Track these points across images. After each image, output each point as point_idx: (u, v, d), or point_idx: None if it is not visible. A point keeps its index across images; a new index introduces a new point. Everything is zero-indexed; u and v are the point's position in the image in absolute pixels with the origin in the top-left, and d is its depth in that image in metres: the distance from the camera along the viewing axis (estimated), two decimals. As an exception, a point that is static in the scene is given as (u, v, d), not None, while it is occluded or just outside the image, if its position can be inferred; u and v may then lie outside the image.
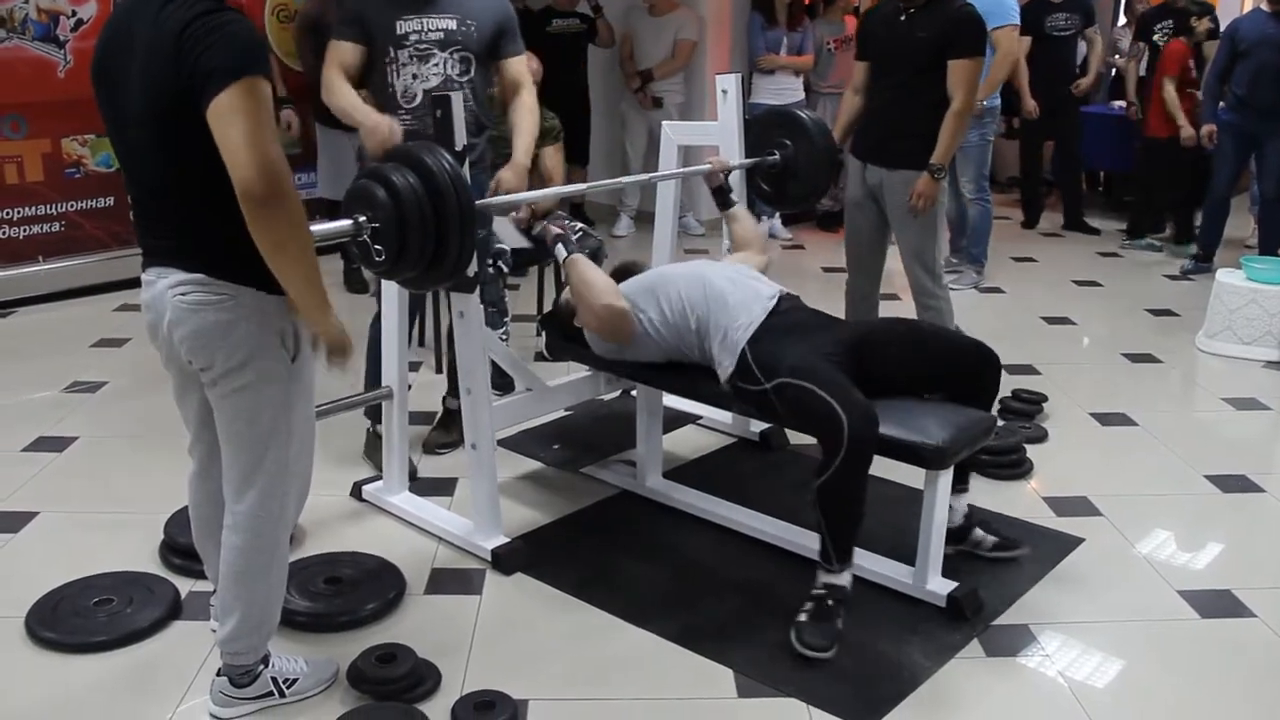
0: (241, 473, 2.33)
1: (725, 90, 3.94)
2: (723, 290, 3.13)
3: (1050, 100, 7.34)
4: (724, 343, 3.06)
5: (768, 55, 7.28)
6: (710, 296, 3.11)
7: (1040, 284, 6.53)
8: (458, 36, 3.46)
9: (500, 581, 3.13)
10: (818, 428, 2.77)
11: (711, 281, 3.16)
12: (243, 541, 2.37)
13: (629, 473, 3.70)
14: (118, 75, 2.17)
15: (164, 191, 2.19)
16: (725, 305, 3.09)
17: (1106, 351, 5.37)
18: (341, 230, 2.57)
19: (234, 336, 2.21)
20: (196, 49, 2.02)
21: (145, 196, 2.26)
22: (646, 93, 7.37)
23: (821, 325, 3.15)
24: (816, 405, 2.75)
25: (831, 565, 2.82)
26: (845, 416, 2.68)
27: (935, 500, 2.90)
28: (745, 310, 3.09)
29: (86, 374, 4.72)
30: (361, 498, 3.59)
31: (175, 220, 2.21)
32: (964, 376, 3.04)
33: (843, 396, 2.73)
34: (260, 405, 2.27)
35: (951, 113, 4.02)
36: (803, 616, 2.80)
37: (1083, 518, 3.54)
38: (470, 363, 3.13)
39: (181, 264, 2.21)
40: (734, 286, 3.15)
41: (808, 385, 2.79)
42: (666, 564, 3.24)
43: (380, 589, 3.00)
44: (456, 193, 2.56)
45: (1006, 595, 3.06)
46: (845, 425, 2.68)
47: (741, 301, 3.11)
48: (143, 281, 2.31)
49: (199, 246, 2.20)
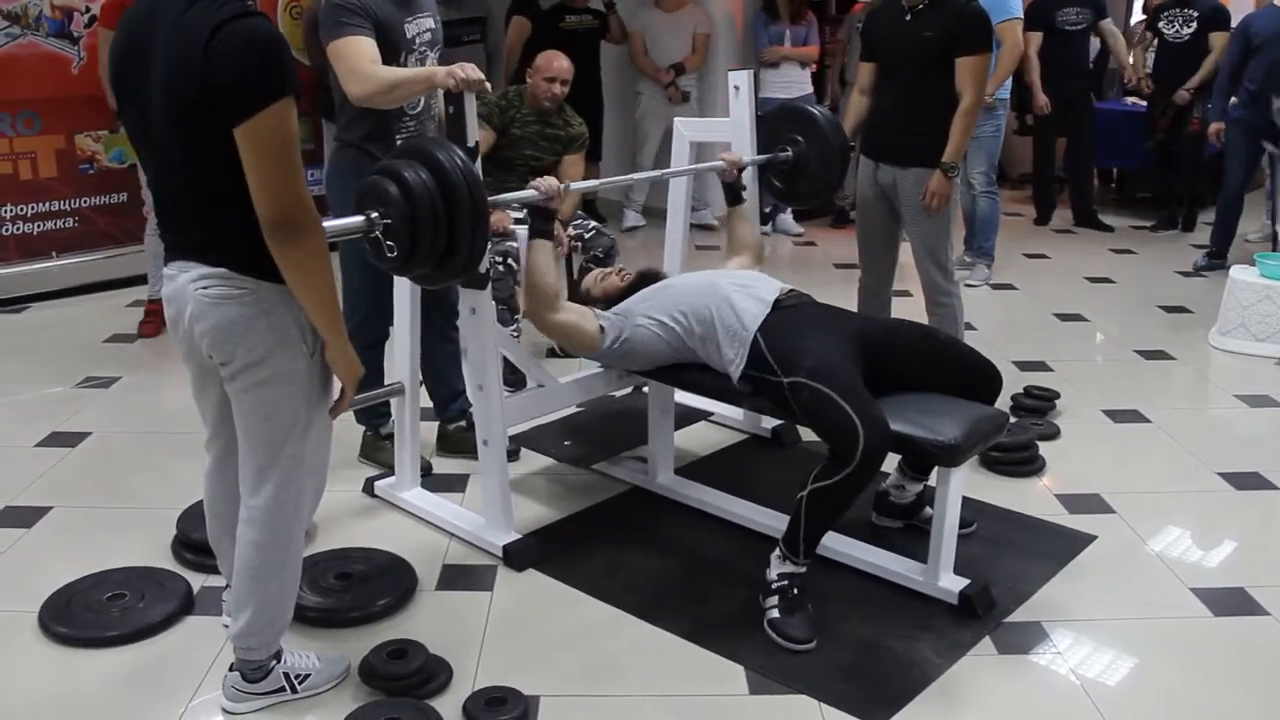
0: (258, 467, 2.34)
1: (737, 86, 3.94)
2: (729, 295, 3.15)
3: (1062, 96, 7.31)
4: (732, 340, 3.07)
5: (771, 47, 7.28)
6: (716, 306, 3.14)
7: (1053, 280, 6.52)
8: (438, 35, 3.46)
9: (511, 577, 3.13)
10: (832, 436, 2.77)
11: (719, 289, 3.18)
12: (258, 536, 2.37)
13: (640, 469, 3.71)
14: (139, 76, 2.16)
15: (187, 189, 2.20)
16: (731, 308, 3.11)
17: (1119, 348, 5.36)
18: (353, 226, 2.57)
19: (254, 331, 2.22)
20: (226, 61, 2.02)
21: (168, 194, 2.27)
22: (678, 86, 7.37)
23: (835, 320, 3.17)
24: (834, 414, 2.75)
25: (797, 559, 2.85)
26: (862, 430, 2.69)
27: (948, 498, 2.90)
28: (752, 305, 3.11)
29: (100, 369, 4.74)
30: (374, 494, 3.60)
31: (197, 216, 2.22)
32: (969, 387, 3.07)
33: (862, 409, 2.73)
34: (279, 400, 2.28)
35: (961, 110, 4.00)
36: (774, 612, 2.83)
37: (1095, 515, 3.53)
38: (482, 359, 3.14)
39: (204, 258, 2.22)
40: (741, 291, 3.18)
41: (826, 391, 2.79)
42: (678, 560, 3.25)
43: (392, 585, 3.01)
44: (469, 189, 2.56)
45: (1018, 592, 3.06)
46: (861, 439, 2.69)
47: (747, 301, 3.13)
48: (164, 276, 2.33)
49: (221, 241, 2.21)
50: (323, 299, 2.20)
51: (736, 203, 3.81)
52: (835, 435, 2.75)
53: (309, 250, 2.14)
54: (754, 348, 3.03)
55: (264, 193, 2.06)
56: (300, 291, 2.18)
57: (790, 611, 2.82)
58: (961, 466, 2.90)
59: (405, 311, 3.41)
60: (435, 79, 3.02)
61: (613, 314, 3.32)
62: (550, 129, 4.74)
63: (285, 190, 2.07)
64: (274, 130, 2.04)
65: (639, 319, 3.25)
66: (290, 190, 2.07)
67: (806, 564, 2.87)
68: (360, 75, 3.16)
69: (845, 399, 2.75)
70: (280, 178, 2.06)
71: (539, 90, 4.67)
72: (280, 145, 2.05)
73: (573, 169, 4.78)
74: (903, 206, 4.22)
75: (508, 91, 4.84)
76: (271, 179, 2.06)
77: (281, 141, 2.05)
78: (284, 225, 2.08)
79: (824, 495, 2.76)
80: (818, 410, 2.82)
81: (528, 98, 4.71)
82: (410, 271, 2.70)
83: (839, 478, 2.72)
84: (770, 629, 2.82)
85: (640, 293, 3.38)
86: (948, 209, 4.14)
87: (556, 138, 4.76)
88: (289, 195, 2.07)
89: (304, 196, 2.09)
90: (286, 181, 2.07)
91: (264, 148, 2.04)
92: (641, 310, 3.28)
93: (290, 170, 2.07)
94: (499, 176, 4.45)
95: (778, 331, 3.04)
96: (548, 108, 4.70)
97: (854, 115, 4.41)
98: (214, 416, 2.46)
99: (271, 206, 2.07)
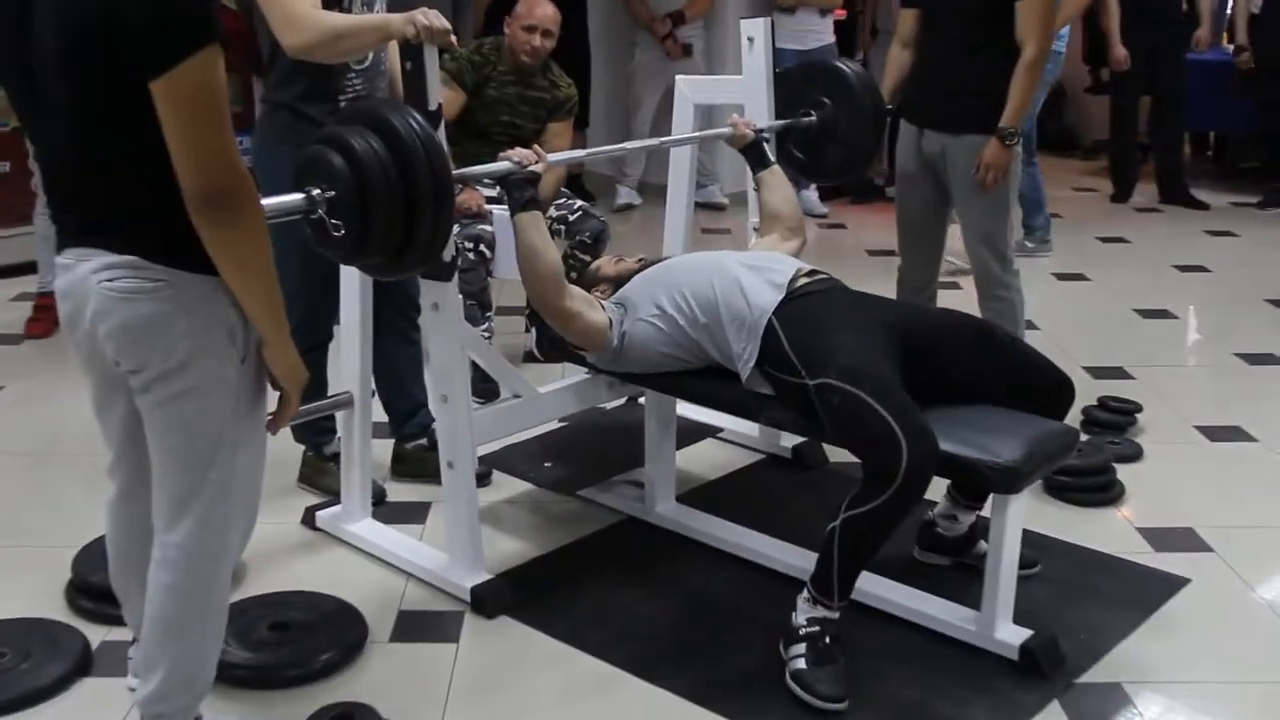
0: (176, 496, 2.34)
1: (751, 38, 3.96)
2: (738, 278, 3.16)
3: (1146, 45, 7.30)
4: (740, 330, 3.09)
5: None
6: (723, 289, 3.15)
7: (1133, 269, 6.55)
8: None
9: (481, 627, 3.15)
10: (868, 450, 2.78)
11: (727, 271, 3.19)
12: (174, 580, 2.37)
13: (636, 496, 3.73)
14: (20, 23, 2.14)
15: (86, 159, 2.19)
16: (740, 291, 3.12)
17: (1216, 350, 5.38)
18: (291, 206, 2.56)
19: (172, 331, 2.21)
20: (137, 1, 2.02)
21: (61, 162, 2.25)
22: (677, 39, 7.39)
23: (871, 309, 3.18)
24: (871, 422, 2.75)
25: (830, 601, 2.86)
26: (906, 443, 2.69)
27: (1005, 531, 2.91)
28: (765, 289, 3.12)
29: (-20, 378, 4.76)
30: (315, 526, 3.62)
31: (100, 191, 2.21)
32: (1031, 399, 3.07)
33: (904, 417, 2.73)
34: (203, 415, 2.28)
35: (1024, 64, 4.02)
36: (799, 663, 2.84)
37: (1187, 553, 3.54)
38: (447, 365, 3.15)
39: (108, 243, 2.21)
40: (753, 273, 3.19)
41: (861, 395, 2.79)
42: (680, 606, 3.26)
43: (336, 636, 3.02)
44: (430, 161, 2.57)
45: (1093, 647, 3.07)
46: (904, 454, 2.68)
47: (759, 283, 3.14)
48: (58, 265, 2.31)
49: (129, 222, 2.20)
50: (264, 289, 2.20)
51: (762, 166, 3.79)
52: (872, 449, 2.76)
53: (246, 229, 2.13)
54: (769, 340, 3.04)
55: (190, 161, 2.06)
56: (237, 281, 2.18)
57: (819, 664, 2.83)
58: (1022, 494, 2.91)
59: (355, 307, 3.42)
60: (390, 28, 3.02)
61: (613, 303, 3.33)
62: (532, 91, 4.76)
63: (216, 156, 2.07)
64: (200, 84, 2.04)
65: (639, 309, 3.26)
66: (222, 156, 2.07)
67: (841, 608, 2.88)
68: (297, 21, 3.13)
69: (885, 405, 2.75)
70: (209, 141, 2.06)
71: (517, 42, 4.68)
72: (208, 101, 2.05)
73: (559, 139, 4.78)
74: (952, 181, 4.23)
75: (483, 44, 4.84)
76: (198, 143, 2.06)
77: (209, 97, 2.05)
78: (215, 200, 2.08)
79: (860, 524, 2.76)
80: (851, 419, 2.82)
81: (505, 52, 4.73)
82: (361, 260, 2.71)
83: (878, 502, 2.72)
84: (794, 683, 2.83)
85: (639, 276, 3.39)
86: (1006, 184, 4.15)
87: (540, 101, 4.78)
88: (220, 162, 2.07)
89: (238, 164, 2.09)
90: (217, 145, 2.07)
91: (188, 105, 2.04)
92: (643, 296, 3.28)
93: (220, 131, 2.07)
94: (471, 147, 4.46)
95: (801, 323, 3.04)
96: (528, 64, 4.71)
97: (894, 72, 4.42)
98: (120, 436, 2.45)
99: (199, 177, 2.06)
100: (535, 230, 3.15)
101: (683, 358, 3.25)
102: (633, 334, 3.25)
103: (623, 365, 3.34)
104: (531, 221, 3.15)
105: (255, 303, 2.22)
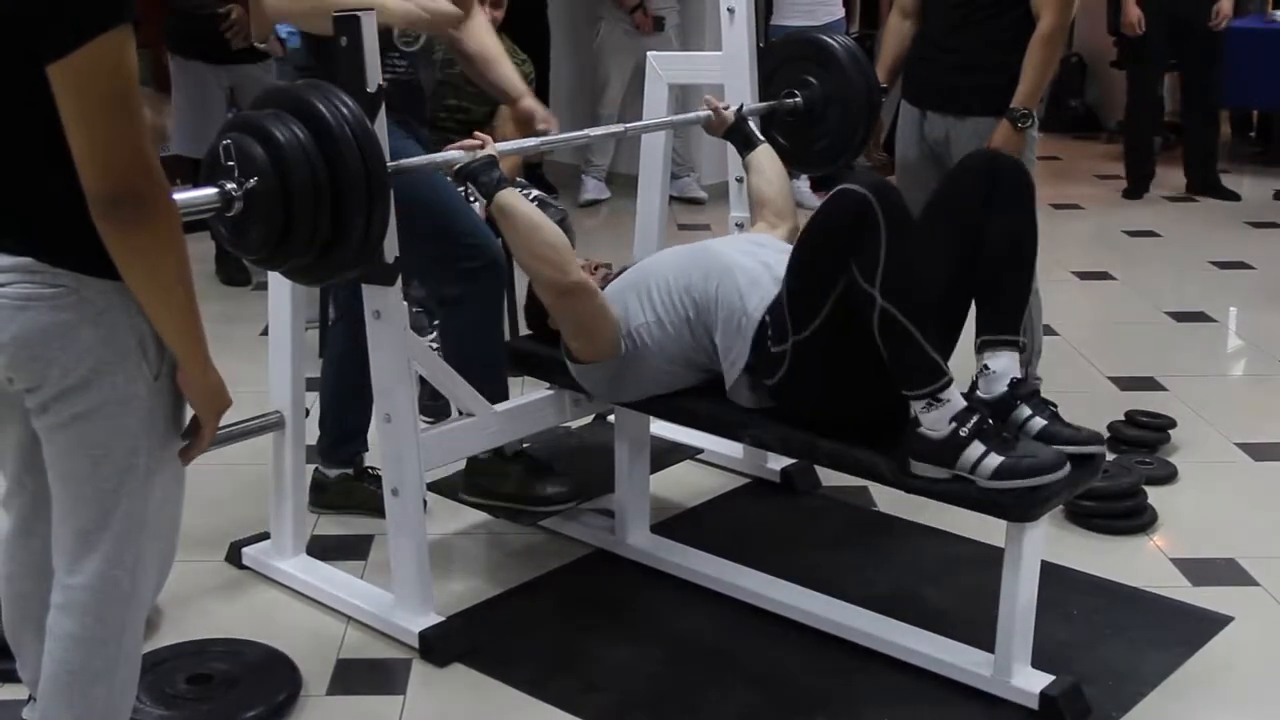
0: (80, 531, 2.32)
1: (732, 9, 3.96)
2: (731, 264, 3.16)
3: (1175, 12, 7.29)
4: (731, 329, 3.10)
5: None
6: (713, 272, 3.15)
7: (1164, 266, 6.58)
8: None
9: (431, 675, 3.14)
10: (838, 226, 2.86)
11: (717, 254, 3.21)
12: (79, 627, 2.36)
13: (605, 525, 3.73)
14: None
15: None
16: (733, 281, 3.13)
17: (1259, 358, 5.41)
18: (203, 200, 2.55)
19: (75, 344, 2.20)
20: None
21: None
22: (647, 10, 7.42)
23: None
24: (827, 208, 2.88)
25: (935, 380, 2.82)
26: (864, 189, 2.77)
27: (1021, 562, 2.91)
28: (764, 283, 3.12)
29: None
30: (241, 564, 3.61)
31: None
32: None
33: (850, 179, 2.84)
34: (110, 437, 2.27)
35: (1040, 37, 4.04)
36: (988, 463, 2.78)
37: (1229, 587, 3.56)
38: (390, 380, 3.15)
39: (1, 245, 2.22)
40: (748, 259, 3.19)
41: None
42: (656, 650, 3.26)
43: (266, 689, 3.01)
44: (361, 152, 2.57)
45: (1124, 694, 3.07)
46: (870, 198, 2.76)
47: (757, 276, 3.14)
48: None
49: (24, 222, 2.19)
50: (179, 300, 2.18)
51: (751, 147, 3.77)
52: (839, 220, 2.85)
53: (157, 233, 2.12)
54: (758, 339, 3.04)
55: (93, 156, 2.05)
56: (146, 292, 2.16)
57: (1003, 449, 2.78)
58: (1041, 520, 2.91)
59: (284, 314, 3.42)
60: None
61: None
62: None
63: (123, 152, 2.05)
64: (107, 70, 2.03)
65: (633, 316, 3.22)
66: (130, 152, 2.05)
67: (948, 380, 2.83)
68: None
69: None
70: (116, 134, 2.05)
71: None
72: (116, 90, 2.04)
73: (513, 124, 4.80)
74: (959, 168, 4.25)
75: None
76: (105, 138, 2.04)
77: (117, 85, 2.05)
78: (122, 201, 2.06)
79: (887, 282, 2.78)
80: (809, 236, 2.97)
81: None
82: (284, 264, 2.71)
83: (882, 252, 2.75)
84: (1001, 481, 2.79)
85: (619, 279, 3.37)
86: (1019, 172, 4.17)
87: None
88: (128, 158, 2.05)
89: (149, 160, 2.08)
90: (124, 139, 2.05)
91: (92, 94, 2.03)
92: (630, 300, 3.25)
93: (130, 123, 2.06)
94: None
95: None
96: None
97: (892, 46, 4.44)
98: (15, 463, 2.45)
99: (104, 175, 2.05)
100: (523, 203, 3.18)
101: (682, 373, 3.24)
102: (639, 336, 3.22)
103: (622, 380, 3.28)
104: (514, 197, 3.15)
105: (169, 316, 2.20)
